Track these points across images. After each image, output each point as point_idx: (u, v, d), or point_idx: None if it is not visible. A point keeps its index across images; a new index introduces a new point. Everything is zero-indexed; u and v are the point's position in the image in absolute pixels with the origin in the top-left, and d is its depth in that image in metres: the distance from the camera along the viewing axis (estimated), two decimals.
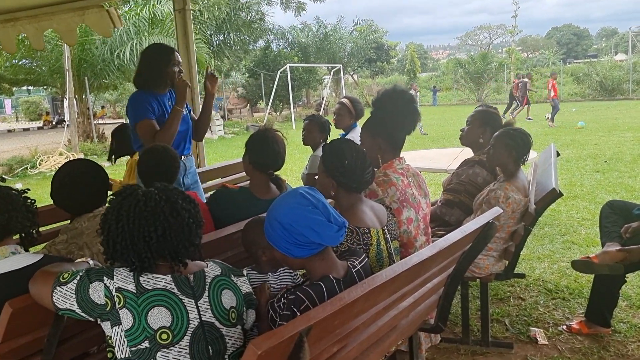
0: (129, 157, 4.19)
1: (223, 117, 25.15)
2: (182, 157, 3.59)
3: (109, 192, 2.30)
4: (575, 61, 50.66)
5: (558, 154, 4.18)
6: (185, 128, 3.61)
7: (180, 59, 3.54)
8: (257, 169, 2.86)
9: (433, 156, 6.78)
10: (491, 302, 3.79)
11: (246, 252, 2.32)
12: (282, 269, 2.25)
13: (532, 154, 4.05)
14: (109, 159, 4.38)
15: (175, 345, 1.61)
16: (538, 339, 3.41)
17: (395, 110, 2.76)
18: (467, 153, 4.19)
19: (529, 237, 3.55)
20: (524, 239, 3.32)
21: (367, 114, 4.75)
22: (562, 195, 3.28)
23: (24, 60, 17.16)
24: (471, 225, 2.31)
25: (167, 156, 2.90)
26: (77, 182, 2.35)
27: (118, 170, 8.37)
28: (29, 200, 2.01)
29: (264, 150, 2.83)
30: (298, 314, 1.66)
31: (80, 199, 2.36)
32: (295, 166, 9.95)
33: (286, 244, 1.77)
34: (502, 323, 3.66)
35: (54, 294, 1.64)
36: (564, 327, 3.54)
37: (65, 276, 1.65)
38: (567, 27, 78.77)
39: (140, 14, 15.81)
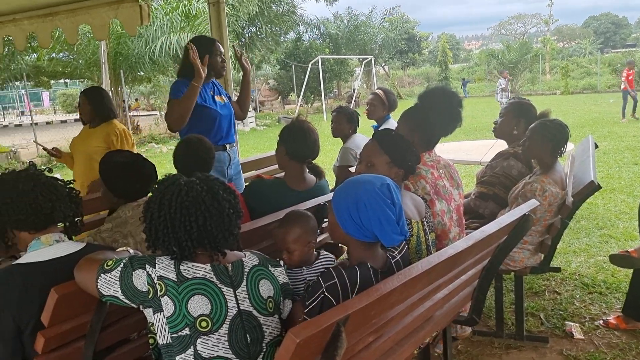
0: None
1: (255, 109, 25.28)
2: (227, 146, 3.65)
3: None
4: (613, 51, 49.22)
5: (596, 146, 4.09)
6: (228, 113, 3.67)
7: (222, 49, 3.67)
8: (294, 160, 2.88)
9: (466, 148, 6.72)
10: (526, 296, 3.75)
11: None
12: (317, 261, 2.27)
13: (569, 146, 3.98)
14: (85, 123, 4.33)
15: (215, 333, 1.65)
16: (574, 333, 3.37)
17: (442, 112, 2.76)
18: (501, 145, 4.14)
19: (565, 231, 3.49)
20: (561, 232, 3.27)
21: (400, 106, 4.75)
22: (601, 188, 3.22)
23: (61, 54, 17.54)
24: (507, 218, 2.30)
25: (202, 147, 2.95)
26: (128, 170, 2.49)
27: None
28: (73, 191, 2.07)
29: (301, 139, 2.86)
30: (323, 286, 1.71)
31: (131, 186, 2.47)
32: (327, 157, 9.95)
33: (348, 217, 1.81)
34: (537, 317, 3.62)
35: (98, 281, 1.69)
36: (601, 322, 3.48)
37: (109, 264, 1.70)
38: (604, 15, 76.49)
39: (176, 11, 16.03)
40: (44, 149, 4.57)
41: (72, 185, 2.07)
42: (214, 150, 3.06)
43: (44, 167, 2.12)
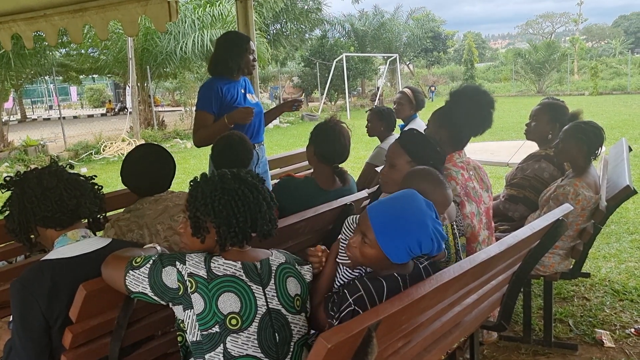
0: None
1: None
2: (256, 145, 3.62)
3: None
4: None
5: (630, 149, 3.98)
6: (258, 111, 3.65)
7: (255, 47, 3.61)
8: (322, 161, 2.85)
9: (494, 149, 6.62)
10: (554, 301, 3.66)
11: None
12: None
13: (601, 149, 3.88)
14: None
15: (244, 331, 1.64)
16: (604, 341, 3.28)
17: (471, 109, 2.72)
18: (529, 146, 4.04)
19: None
20: (593, 238, 3.19)
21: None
22: (637, 192, 3.13)
23: (90, 50, 17.78)
24: (540, 222, 2.24)
25: (243, 147, 2.94)
26: (149, 164, 2.44)
27: None
28: (96, 187, 2.07)
29: (330, 142, 2.83)
30: (350, 300, 1.68)
31: (149, 182, 2.43)
32: (350, 156, 9.92)
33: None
34: (566, 323, 3.54)
35: (127, 278, 1.69)
36: (632, 330, 3.38)
37: (137, 260, 1.70)
38: (636, 15, 74.64)
39: (205, 9, 16.16)
40: None
41: (94, 181, 2.06)
42: (252, 152, 3.06)
43: (66, 163, 2.11)
